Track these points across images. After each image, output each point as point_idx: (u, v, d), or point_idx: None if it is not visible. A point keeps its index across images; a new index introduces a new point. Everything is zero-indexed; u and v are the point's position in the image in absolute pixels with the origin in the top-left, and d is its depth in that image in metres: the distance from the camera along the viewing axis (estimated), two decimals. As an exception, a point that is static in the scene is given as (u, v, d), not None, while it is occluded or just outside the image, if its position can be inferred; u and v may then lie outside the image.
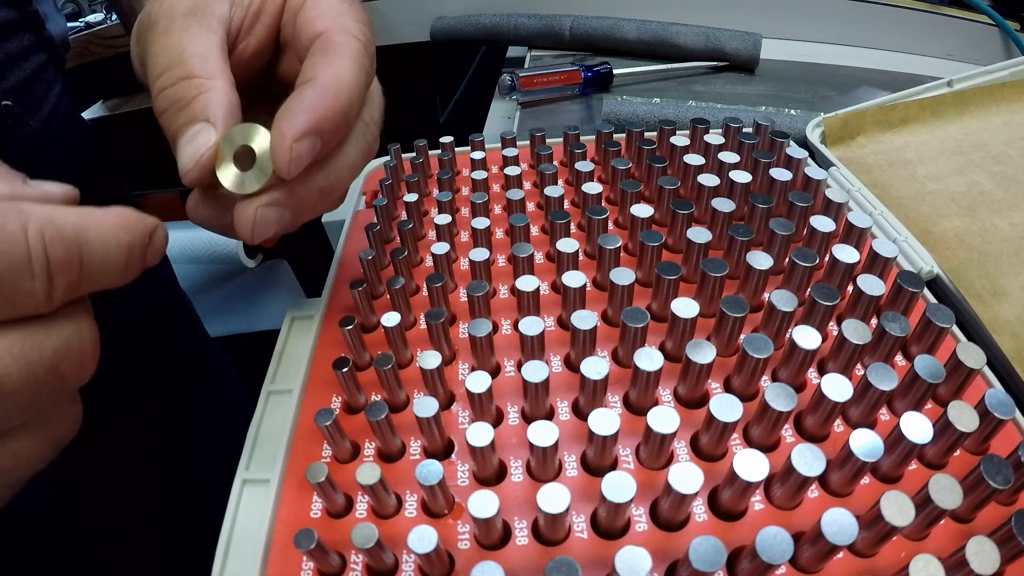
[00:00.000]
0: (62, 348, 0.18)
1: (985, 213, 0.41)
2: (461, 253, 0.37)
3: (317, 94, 0.25)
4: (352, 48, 0.26)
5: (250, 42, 0.29)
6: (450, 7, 0.77)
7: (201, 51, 0.25)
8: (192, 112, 0.25)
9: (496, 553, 0.23)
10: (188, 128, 0.25)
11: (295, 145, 0.24)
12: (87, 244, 0.18)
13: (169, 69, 0.25)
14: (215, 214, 0.27)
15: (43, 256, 0.17)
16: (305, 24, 0.28)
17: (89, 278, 0.19)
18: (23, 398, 0.17)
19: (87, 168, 0.49)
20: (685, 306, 0.27)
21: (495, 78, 0.64)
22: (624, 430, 0.25)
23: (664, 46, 0.67)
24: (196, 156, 0.24)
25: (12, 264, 0.17)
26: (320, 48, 0.26)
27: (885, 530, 0.20)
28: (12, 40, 0.39)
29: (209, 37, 0.26)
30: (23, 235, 0.17)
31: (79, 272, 0.18)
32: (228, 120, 0.25)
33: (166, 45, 0.26)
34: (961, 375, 0.26)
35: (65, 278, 0.18)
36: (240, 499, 0.27)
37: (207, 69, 0.25)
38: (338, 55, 0.26)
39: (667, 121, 0.41)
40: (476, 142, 0.43)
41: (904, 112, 0.48)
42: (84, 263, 0.18)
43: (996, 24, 0.64)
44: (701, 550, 0.18)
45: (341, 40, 0.26)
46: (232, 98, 0.25)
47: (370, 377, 0.30)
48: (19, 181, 0.20)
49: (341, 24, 0.27)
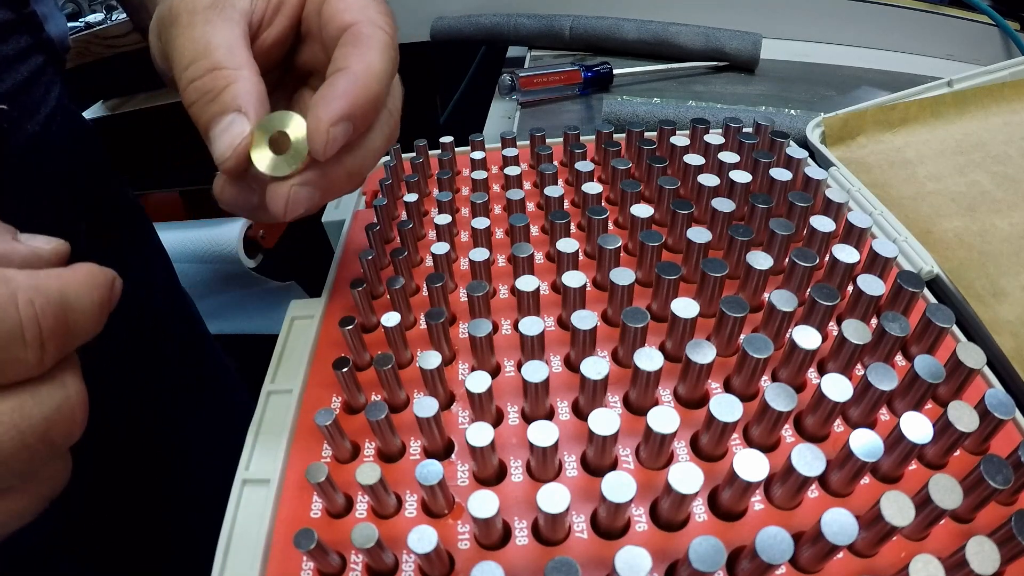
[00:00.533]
0: (53, 414, 0.19)
1: (985, 213, 0.41)
2: (461, 253, 0.37)
3: (351, 82, 0.26)
4: (380, 39, 0.28)
5: (271, 33, 0.30)
6: (450, 7, 0.77)
7: (226, 42, 0.26)
8: (223, 102, 0.26)
9: (496, 553, 0.23)
10: (221, 118, 0.26)
11: (332, 129, 0.25)
12: (70, 307, 0.19)
13: (196, 61, 0.26)
14: (242, 195, 0.28)
15: (36, 326, 0.18)
16: (332, 16, 0.29)
17: (74, 338, 0.19)
18: (15, 464, 0.18)
19: (88, 169, 0.49)
20: (685, 306, 0.27)
21: (495, 78, 0.64)
22: (624, 430, 0.25)
23: (664, 46, 0.67)
24: (232, 144, 0.26)
25: (5, 336, 0.17)
26: (350, 39, 0.27)
27: (885, 530, 0.20)
28: (8, 42, 0.39)
29: (232, 29, 0.27)
30: (14, 307, 0.17)
31: (68, 336, 0.19)
32: (259, 108, 0.26)
33: (191, 38, 0.26)
34: (961, 375, 0.26)
35: (55, 344, 0.18)
36: (240, 499, 0.27)
37: (234, 60, 0.26)
38: (367, 46, 0.27)
39: (667, 121, 0.41)
40: (476, 142, 0.43)
41: (904, 112, 0.48)
42: (71, 326, 0.19)
43: (996, 24, 0.64)
44: (701, 550, 0.18)
45: (370, 32, 0.28)
46: (260, 87, 0.27)
47: (370, 377, 0.30)
48: (9, 237, 0.20)
49: (368, 17, 0.28)
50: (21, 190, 0.41)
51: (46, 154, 0.43)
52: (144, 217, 0.58)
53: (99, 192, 0.50)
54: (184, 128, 0.29)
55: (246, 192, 0.28)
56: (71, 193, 0.46)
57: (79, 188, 0.47)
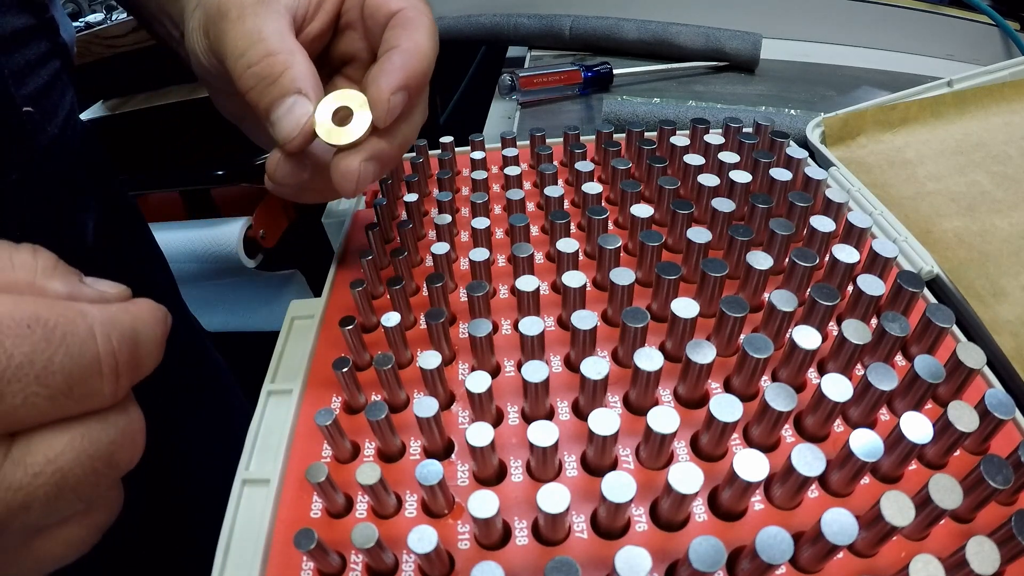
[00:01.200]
0: (118, 438, 0.19)
1: (985, 213, 0.41)
2: (461, 253, 0.37)
3: (405, 57, 0.29)
4: (425, 24, 0.30)
5: (314, 27, 0.32)
6: (450, 7, 0.77)
7: (278, 31, 0.28)
8: (283, 86, 0.28)
9: (496, 553, 0.23)
10: (282, 100, 0.28)
11: (392, 97, 0.28)
12: (139, 341, 0.20)
13: (251, 49, 0.28)
14: (295, 173, 0.30)
15: (112, 359, 0.18)
16: (380, 5, 0.31)
17: (141, 370, 0.20)
18: (83, 489, 0.18)
19: (91, 168, 0.49)
20: (685, 306, 0.27)
21: (495, 78, 0.64)
22: (624, 430, 0.25)
23: (664, 46, 0.67)
24: (299, 124, 0.28)
25: (84, 368, 0.18)
26: (399, 22, 0.30)
27: (885, 530, 0.20)
28: (30, 47, 0.40)
29: (280, 21, 0.29)
30: (93, 340, 0.18)
31: (140, 368, 0.20)
32: (317, 89, 0.28)
33: (243, 30, 0.28)
34: (961, 375, 0.26)
35: (128, 376, 0.19)
36: (240, 499, 0.27)
37: (287, 46, 0.28)
38: (415, 28, 0.30)
39: (667, 121, 0.41)
40: (476, 142, 0.43)
41: (904, 112, 0.48)
42: (142, 358, 0.20)
43: (996, 24, 0.64)
44: (701, 550, 0.18)
45: (415, 16, 0.30)
46: (314, 70, 0.29)
47: (370, 377, 0.30)
48: (76, 279, 0.21)
49: (412, 3, 0.31)
50: (42, 190, 0.42)
51: (62, 158, 0.44)
52: (140, 218, 0.59)
53: (103, 193, 0.50)
54: (184, 128, 0.29)
55: (299, 170, 0.30)
56: (80, 192, 0.46)
57: (86, 187, 0.47)
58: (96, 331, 0.18)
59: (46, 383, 0.17)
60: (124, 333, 0.19)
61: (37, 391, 0.17)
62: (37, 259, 0.20)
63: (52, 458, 0.18)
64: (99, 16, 0.86)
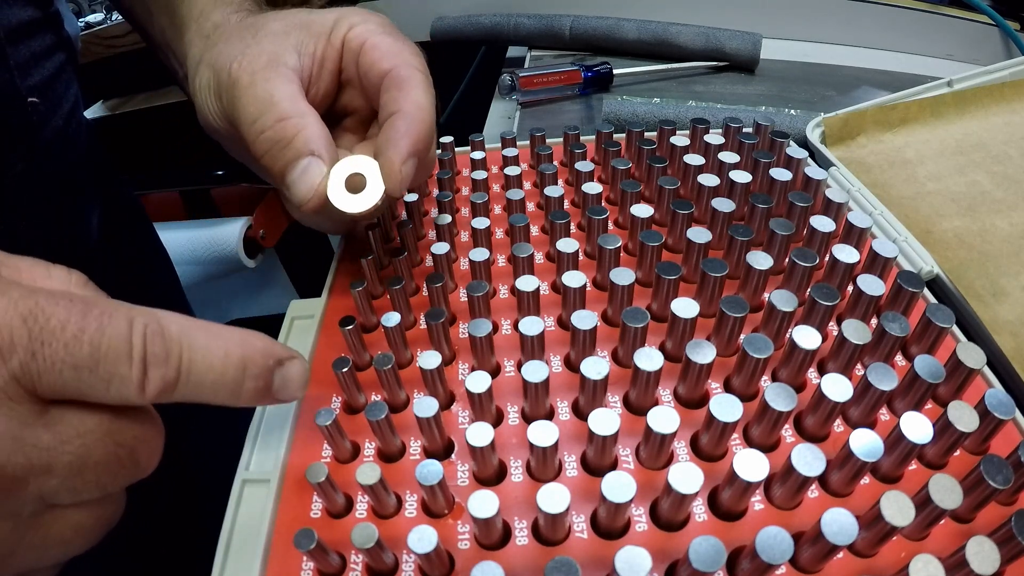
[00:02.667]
0: (142, 437, 0.20)
1: (985, 213, 0.41)
2: (461, 253, 0.37)
3: (408, 123, 0.29)
4: (419, 79, 0.30)
5: (320, 87, 0.33)
6: (450, 7, 0.77)
7: (289, 95, 0.29)
8: (296, 148, 0.28)
9: (496, 553, 0.23)
10: (296, 163, 0.28)
11: (403, 167, 0.28)
12: (190, 347, 0.20)
13: (263, 114, 0.28)
14: (315, 220, 0.33)
15: (141, 347, 0.19)
16: (371, 65, 0.31)
17: (188, 382, 0.20)
18: (102, 474, 0.19)
19: (95, 166, 0.50)
20: (685, 306, 0.27)
21: (495, 78, 0.64)
22: (624, 430, 0.25)
23: (664, 46, 0.67)
24: (312, 186, 0.28)
25: (112, 348, 0.18)
26: (393, 84, 0.30)
27: (885, 530, 0.20)
28: (36, 39, 0.41)
29: (291, 84, 0.29)
30: (127, 325, 0.19)
31: (177, 372, 0.20)
32: (331, 151, 0.29)
33: (254, 96, 0.29)
34: (961, 375, 0.26)
35: (159, 372, 0.19)
36: (240, 499, 0.27)
37: (298, 109, 0.29)
38: (411, 87, 0.30)
39: (667, 121, 0.41)
40: (476, 142, 0.43)
41: (904, 112, 0.48)
42: (183, 364, 0.20)
43: (996, 24, 0.64)
44: (701, 550, 0.18)
45: (408, 74, 0.30)
46: (326, 132, 0.29)
47: (370, 377, 0.30)
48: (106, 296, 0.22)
49: (404, 60, 0.31)
50: (47, 183, 0.43)
51: (67, 151, 0.45)
52: (145, 217, 0.59)
53: (106, 190, 0.50)
54: (184, 128, 0.30)
55: (320, 219, 0.32)
56: (85, 189, 0.47)
57: (90, 184, 0.48)
58: (134, 321, 0.19)
59: (73, 351, 0.18)
60: (164, 330, 0.20)
61: (64, 357, 0.18)
62: (71, 275, 0.22)
63: (81, 432, 0.18)
64: (99, 16, 0.86)
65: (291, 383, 0.23)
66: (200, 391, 0.21)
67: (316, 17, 0.32)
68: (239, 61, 0.30)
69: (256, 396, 0.22)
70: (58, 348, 0.18)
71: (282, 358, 0.23)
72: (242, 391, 0.22)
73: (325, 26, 0.32)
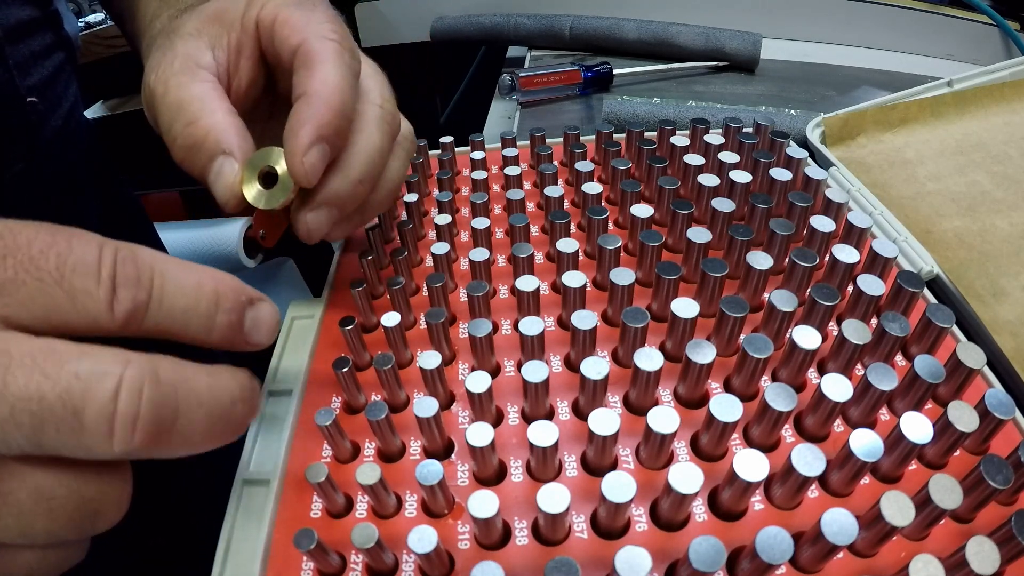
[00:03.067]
0: (108, 493, 0.19)
1: (985, 213, 0.41)
2: (461, 253, 0.37)
3: (311, 106, 0.26)
4: (329, 50, 0.27)
5: (242, 77, 0.31)
6: (450, 7, 0.77)
7: (198, 96, 0.28)
8: (208, 149, 0.27)
9: (496, 553, 0.23)
10: (211, 165, 0.27)
11: (305, 158, 0.26)
12: (162, 274, 0.19)
13: (175, 121, 0.28)
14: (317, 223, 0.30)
15: (112, 265, 0.18)
16: (282, 43, 0.29)
17: (161, 308, 0.19)
18: (62, 527, 0.18)
19: (96, 166, 0.50)
20: (685, 306, 0.27)
21: (495, 78, 0.64)
22: (624, 430, 0.25)
23: (664, 46, 0.67)
24: (228, 186, 0.27)
25: (80, 262, 0.18)
26: (301, 61, 0.28)
27: (885, 530, 0.20)
28: (35, 38, 0.41)
29: (201, 85, 0.28)
30: (96, 246, 0.18)
31: (148, 295, 0.19)
32: (243, 145, 0.27)
33: (167, 104, 0.28)
34: (961, 375, 0.26)
35: (129, 293, 0.18)
36: (240, 499, 0.27)
37: (207, 109, 0.27)
38: (318, 62, 0.27)
39: (667, 121, 0.41)
40: (476, 142, 0.43)
41: (904, 112, 0.48)
42: (155, 289, 0.19)
43: (996, 24, 0.64)
44: (701, 550, 0.18)
45: (317, 47, 0.28)
46: (238, 125, 0.28)
47: (370, 377, 0.30)
48: None
49: (314, 31, 0.28)
50: (46, 183, 0.43)
51: (67, 148, 0.44)
52: (145, 217, 0.59)
53: (106, 190, 0.51)
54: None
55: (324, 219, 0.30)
56: (84, 188, 0.47)
57: (90, 184, 0.48)
58: (104, 243, 0.18)
59: (39, 263, 0.17)
60: (136, 255, 0.19)
61: (29, 268, 0.17)
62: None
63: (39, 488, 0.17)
64: (99, 16, 0.86)
65: (262, 324, 0.22)
66: (172, 319, 0.20)
67: (227, 4, 0.31)
68: (156, 72, 0.29)
69: (228, 332, 0.21)
70: (23, 259, 0.17)
71: (253, 298, 0.22)
72: (215, 324, 0.21)
73: (236, 12, 0.30)
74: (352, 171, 0.28)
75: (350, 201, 0.29)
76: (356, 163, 0.28)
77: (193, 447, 0.19)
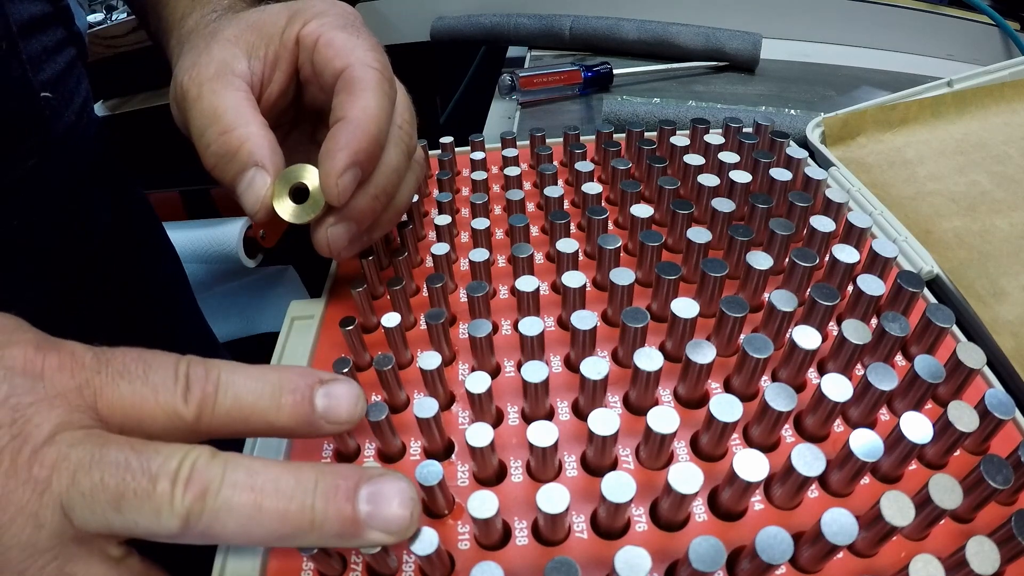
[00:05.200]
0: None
1: (985, 213, 0.41)
2: (461, 254, 0.37)
3: (350, 131, 0.27)
4: (372, 79, 0.29)
5: (274, 88, 0.32)
6: (450, 7, 0.77)
7: (233, 105, 0.28)
8: (241, 160, 0.28)
9: (496, 553, 0.23)
10: (242, 175, 0.28)
11: (340, 180, 0.27)
12: (227, 369, 0.22)
13: (208, 128, 0.28)
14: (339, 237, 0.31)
15: (185, 368, 0.21)
16: (325, 64, 0.30)
17: (227, 395, 0.22)
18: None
19: (106, 162, 0.50)
20: (685, 306, 0.27)
21: (495, 78, 0.64)
22: (624, 430, 0.25)
23: (664, 46, 0.67)
24: (259, 198, 0.28)
25: (161, 365, 0.21)
26: (344, 86, 0.29)
27: (885, 530, 0.20)
28: (47, 33, 0.41)
29: (236, 93, 0.29)
30: (173, 358, 0.22)
31: (215, 386, 0.21)
32: (275, 159, 0.28)
33: (200, 110, 0.29)
34: (961, 375, 0.26)
35: (199, 385, 0.21)
36: (240, 499, 0.27)
37: (242, 119, 0.28)
38: (361, 89, 0.28)
39: (667, 121, 0.41)
40: (476, 142, 0.43)
41: (904, 112, 0.48)
42: (221, 382, 0.21)
43: (996, 24, 0.64)
44: (701, 550, 0.18)
45: (361, 74, 0.29)
46: (271, 139, 0.29)
47: (370, 377, 0.30)
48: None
49: (358, 58, 0.29)
50: (59, 179, 0.43)
51: (79, 144, 0.45)
52: (153, 214, 0.59)
53: (116, 186, 0.51)
54: (184, 128, 0.29)
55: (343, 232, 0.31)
56: (96, 184, 0.47)
57: (101, 180, 0.48)
58: (179, 358, 0.22)
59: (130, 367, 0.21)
60: (202, 362, 0.22)
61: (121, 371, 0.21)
62: None
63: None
64: (99, 16, 0.86)
65: (338, 401, 0.23)
66: (240, 405, 0.22)
67: (268, 17, 0.32)
68: (190, 73, 0.29)
69: (296, 410, 0.22)
70: (117, 365, 0.21)
71: (324, 379, 0.23)
72: (281, 404, 0.22)
73: (277, 26, 0.31)
74: (371, 186, 0.29)
75: (368, 215, 0.30)
76: (375, 179, 0.29)
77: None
